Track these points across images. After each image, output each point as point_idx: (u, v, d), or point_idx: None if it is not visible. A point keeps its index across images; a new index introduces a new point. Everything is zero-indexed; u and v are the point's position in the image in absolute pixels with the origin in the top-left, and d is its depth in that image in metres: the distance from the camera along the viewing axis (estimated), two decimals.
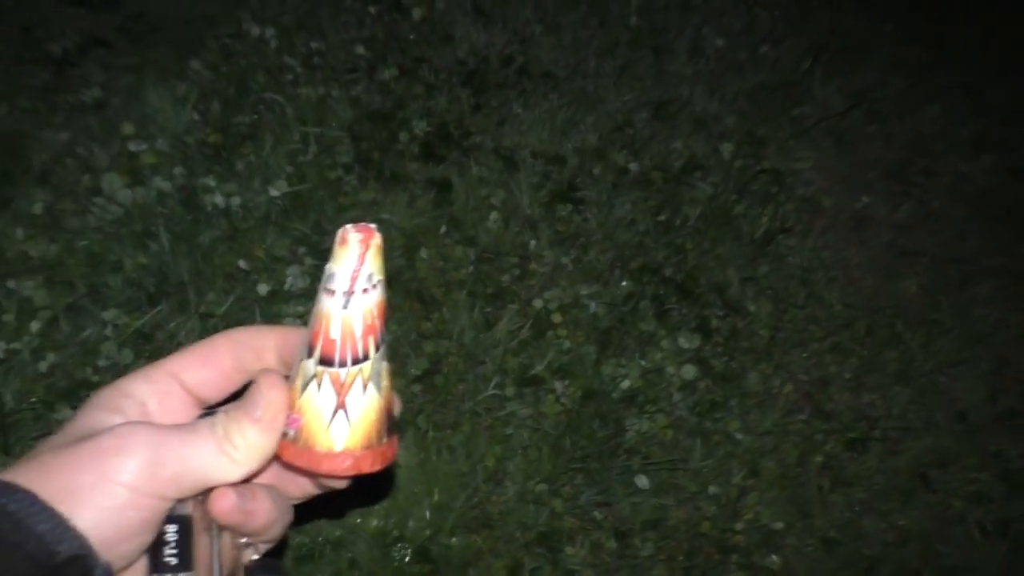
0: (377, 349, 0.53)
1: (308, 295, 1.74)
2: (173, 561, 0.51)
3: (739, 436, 1.84)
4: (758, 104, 2.38)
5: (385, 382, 0.54)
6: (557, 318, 1.86)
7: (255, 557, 0.57)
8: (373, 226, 0.52)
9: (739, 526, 1.76)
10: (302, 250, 1.82)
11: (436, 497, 1.65)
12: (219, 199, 1.82)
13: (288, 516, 0.58)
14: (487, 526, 1.66)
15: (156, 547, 0.51)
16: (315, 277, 1.72)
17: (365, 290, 0.52)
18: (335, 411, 0.53)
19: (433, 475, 1.67)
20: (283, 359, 0.58)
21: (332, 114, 2.02)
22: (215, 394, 0.58)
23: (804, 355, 2.01)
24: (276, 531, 0.57)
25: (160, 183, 1.82)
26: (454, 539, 1.63)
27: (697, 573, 1.71)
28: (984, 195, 2.43)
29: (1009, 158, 2.52)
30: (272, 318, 1.72)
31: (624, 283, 1.95)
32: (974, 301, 2.20)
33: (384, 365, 0.54)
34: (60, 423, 0.62)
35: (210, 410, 0.56)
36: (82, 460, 0.48)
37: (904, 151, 2.46)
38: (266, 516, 0.54)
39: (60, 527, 0.45)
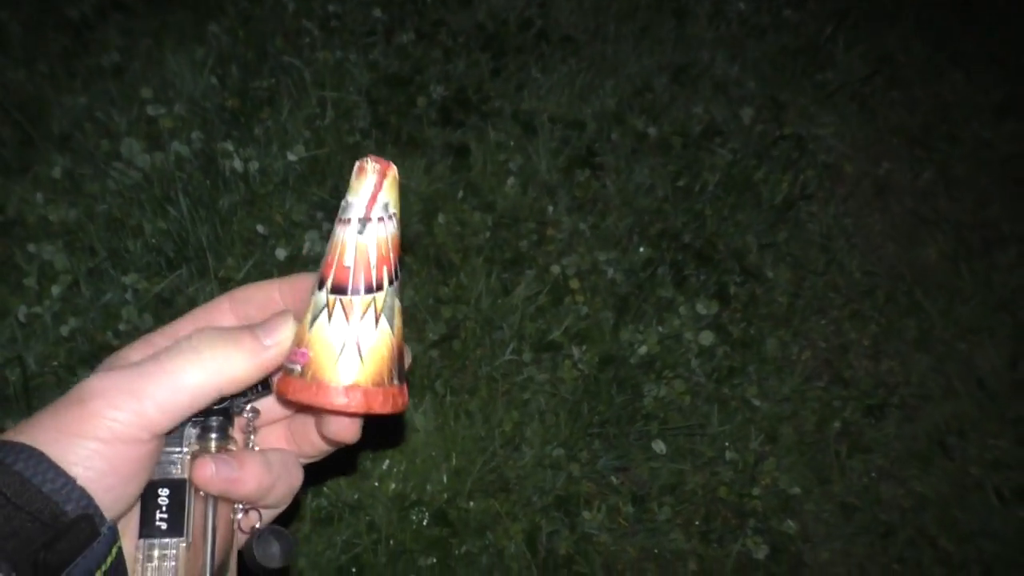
0: (391, 283, 0.51)
1: None
2: (164, 526, 0.50)
3: (757, 402, 1.84)
4: (780, 69, 2.35)
5: (398, 321, 0.52)
6: (575, 284, 1.86)
7: (257, 525, 0.55)
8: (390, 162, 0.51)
9: (756, 491, 1.76)
10: (320, 215, 1.82)
11: (454, 461, 1.66)
12: (237, 164, 1.82)
13: (293, 480, 0.56)
14: (505, 490, 1.67)
15: (148, 511, 0.50)
16: None
17: (381, 219, 0.51)
18: (345, 342, 0.50)
19: (451, 439, 1.68)
20: (291, 307, 0.56)
21: (350, 78, 2.01)
22: None
23: (823, 322, 2.00)
24: (276, 497, 0.55)
25: (179, 147, 1.82)
26: (472, 503, 1.64)
27: (714, 537, 1.71)
28: (1007, 161, 2.40)
29: None
30: None
31: (642, 249, 1.94)
32: (995, 268, 2.18)
33: (396, 303, 0.52)
34: None
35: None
36: (49, 416, 0.47)
37: (927, 117, 2.43)
38: (255, 483, 0.53)
39: (67, 486, 0.44)
